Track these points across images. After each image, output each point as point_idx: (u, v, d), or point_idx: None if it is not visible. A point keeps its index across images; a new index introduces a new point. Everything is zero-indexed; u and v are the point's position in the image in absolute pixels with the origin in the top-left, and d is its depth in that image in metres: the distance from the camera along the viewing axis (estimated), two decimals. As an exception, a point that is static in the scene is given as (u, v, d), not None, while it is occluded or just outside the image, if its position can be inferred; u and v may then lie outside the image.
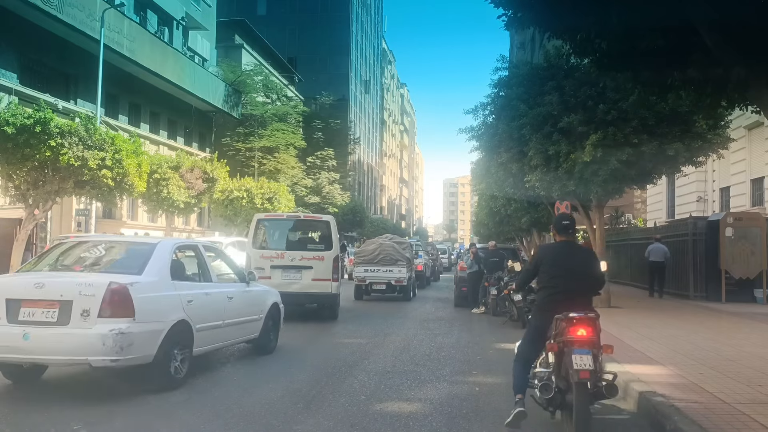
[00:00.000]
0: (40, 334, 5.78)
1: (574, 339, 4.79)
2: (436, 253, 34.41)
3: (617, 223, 31.85)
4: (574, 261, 5.19)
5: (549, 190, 14.26)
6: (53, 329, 5.80)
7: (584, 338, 4.81)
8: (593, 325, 4.91)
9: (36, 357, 5.94)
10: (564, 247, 5.31)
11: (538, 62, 15.25)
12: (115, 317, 5.86)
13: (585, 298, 5.15)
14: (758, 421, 4.99)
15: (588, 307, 5.07)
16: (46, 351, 5.84)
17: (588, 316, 4.90)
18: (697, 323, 11.81)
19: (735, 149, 20.38)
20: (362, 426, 5.27)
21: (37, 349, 5.78)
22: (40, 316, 5.86)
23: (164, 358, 6.28)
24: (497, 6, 6.37)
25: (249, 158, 39.52)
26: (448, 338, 10.65)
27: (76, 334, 5.77)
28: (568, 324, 4.85)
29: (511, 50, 63.30)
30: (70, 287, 5.99)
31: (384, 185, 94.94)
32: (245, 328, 8.16)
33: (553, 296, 5.10)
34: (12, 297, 6.00)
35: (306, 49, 67.55)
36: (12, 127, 15.81)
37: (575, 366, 4.66)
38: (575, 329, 4.82)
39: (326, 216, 15.02)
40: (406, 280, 18.10)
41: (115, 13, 25.34)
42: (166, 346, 6.29)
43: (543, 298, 5.23)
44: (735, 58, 5.96)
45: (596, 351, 4.86)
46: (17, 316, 5.88)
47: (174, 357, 6.48)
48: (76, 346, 5.80)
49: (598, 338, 4.93)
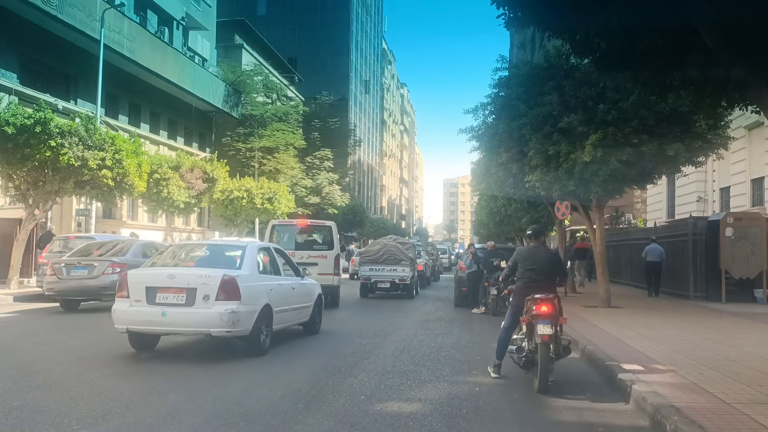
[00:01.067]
0: (174, 312, 7.93)
1: (539, 314, 6.65)
2: (436, 253, 34.45)
3: (617, 223, 31.86)
4: (540, 260, 7.14)
5: (549, 190, 14.26)
6: (183, 309, 7.94)
7: (546, 313, 6.66)
8: (553, 304, 6.72)
9: (172, 329, 8.20)
10: (534, 250, 7.36)
11: (538, 62, 15.25)
12: (227, 300, 7.95)
13: (549, 286, 7.04)
14: (758, 422, 4.99)
15: (551, 291, 6.92)
16: (179, 324, 8.04)
17: (549, 297, 6.76)
18: (698, 323, 11.81)
19: (735, 149, 20.39)
20: (362, 426, 5.27)
21: (172, 323, 7.99)
22: (172, 299, 7.98)
23: (256, 332, 8.37)
24: (497, 6, 6.37)
25: (249, 158, 39.52)
26: (448, 338, 10.65)
27: (200, 313, 7.91)
28: (534, 303, 6.74)
29: (511, 50, 63.32)
30: (195, 278, 8.11)
31: (384, 185, 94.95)
32: (301, 313, 10.19)
33: (526, 284, 7.06)
34: (150, 285, 8.13)
35: (306, 49, 67.57)
36: (12, 127, 15.82)
37: (539, 332, 6.55)
38: (539, 306, 6.68)
39: (328, 222, 17.78)
40: (409, 278, 18.96)
41: (115, 13, 25.35)
42: (258, 323, 8.37)
43: (519, 286, 7.17)
44: (735, 58, 5.96)
45: (555, 322, 6.68)
46: (155, 299, 8.03)
47: (262, 331, 8.52)
48: (201, 321, 7.94)
49: (557, 313, 6.72)
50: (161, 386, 6.54)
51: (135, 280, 8.28)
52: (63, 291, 13.94)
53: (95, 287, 13.79)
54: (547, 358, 6.52)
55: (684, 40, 6.30)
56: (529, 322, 6.78)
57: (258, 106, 41.82)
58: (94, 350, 8.78)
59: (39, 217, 18.11)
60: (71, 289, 13.90)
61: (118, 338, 9.98)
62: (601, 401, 6.30)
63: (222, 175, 27.58)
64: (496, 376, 7.27)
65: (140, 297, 8.07)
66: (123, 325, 8.19)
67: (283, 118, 42.66)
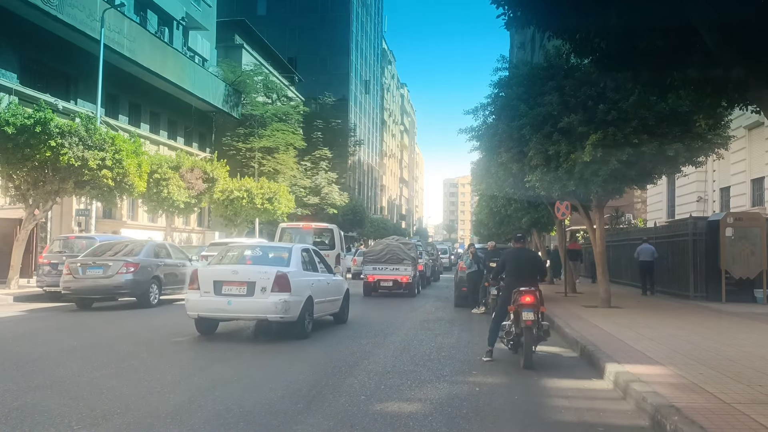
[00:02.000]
0: (237, 301, 9.60)
1: (523, 303, 8.00)
2: (436, 254, 34.49)
3: (617, 223, 31.86)
4: (523, 260, 8.64)
5: (549, 190, 14.25)
6: (244, 298, 9.63)
7: (529, 302, 7.98)
8: (534, 295, 8.06)
9: (236, 315, 9.98)
10: (518, 251, 8.89)
11: (538, 62, 15.24)
12: (280, 292, 9.62)
13: (531, 281, 8.35)
14: (758, 422, 4.99)
15: (533, 285, 8.27)
16: (241, 311, 9.75)
17: (531, 290, 8.11)
18: (698, 323, 11.81)
19: (735, 149, 20.40)
20: (362, 426, 5.27)
21: (236, 310, 9.69)
22: (236, 291, 9.66)
23: (302, 318, 9.97)
24: (497, 5, 6.37)
25: (249, 158, 39.51)
26: (448, 338, 10.65)
27: (259, 302, 9.60)
28: (519, 294, 8.09)
29: (511, 50, 63.34)
30: (254, 273, 9.85)
31: (384, 185, 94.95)
32: (334, 304, 11.82)
33: (513, 280, 8.42)
34: (217, 279, 9.84)
35: (306, 49, 67.56)
36: (12, 127, 15.83)
37: (523, 318, 7.92)
38: (524, 297, 8.03)
39: (331, 225, 21.31)
40: (411, 278, 19.49)
41: (115, 13, 25.35)
42: (303, 311, 9.97)
43: (507, 282, 8.59)
44: (735, 58, 5.96)
45: (536, 310, 8.01)
46: (221, 291, 9.70)
47: (306, 318, 10.11)
48: (260, 309, 9.63)
49: (538, 303, 8.07)
50: (161, 386, 6.54)
51: (204, 275, 10.04)
52: (79, 290, 14.30)
53: (110, 286, 14.27)
54: (530, 339, 7.90)
55: (684, 40, 6.31)
56: (516, 310, 8.13)
57: (258, 106, 41.82)
58: (94, 350, 8.78)
59: (39, 217, 18.11)
60: (87, 288, 14.28)
61: (119, 338, 9.99)
62: (598, 398, 6.32)
63: (222, 175, 27.60)
64: (488, 359, 8.42)
65: (209, 289, 9.76)
66: (195, 312, 9.86)
67: (283, 118, 42.66)
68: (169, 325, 11.56)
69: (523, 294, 8.01)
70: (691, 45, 6.30)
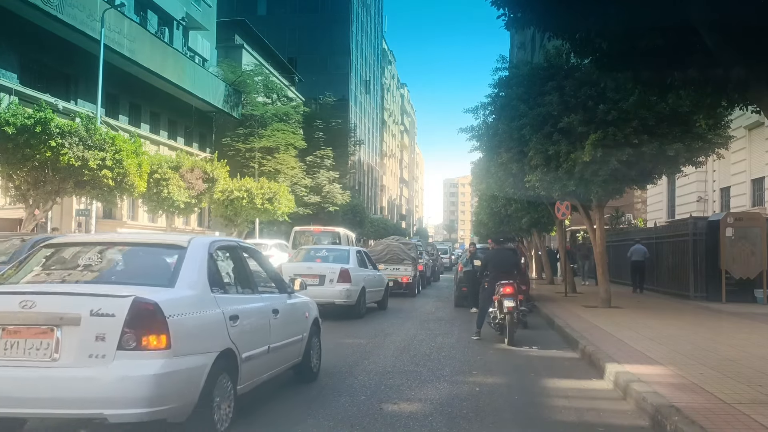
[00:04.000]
0: (312, 289, 9.60)
1: (505, 293, 9.77)
2: (436, 254, 34.48)
3: (617, 223, 31.84)
4: (504, 259, 10.58)
5: (549, 190, 14.26)
6: (317, 287, 11.82)
7: (509, 293, 9.75)
8: (513, 287, 9.84)
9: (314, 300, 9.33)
10: (499, 251, 10.95)
11: (538, 62, 15.24)
12: (344, 283, 12.78)
13: (510, 276, 10.12)
14: (758, 422, 4.98)
15: (512, 278, 10.08)
16: (317, 296, 9.72)
17: (510, 282, 9.90)
18: (698, 323, 11.81)
19: (735, 149, 20.39)
20: (362, 426, 5.27)
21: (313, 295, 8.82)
22: (310, 282, 10.34)
23: (359, 303, 13.24)
24: (497, 6, 6.37)
25: (249, 158, 39.49)
26: (448, 338, 10.65)
27: (328, 290, 12.53)
28: (501, 287, 9.91)
29: (511, 50, 63.33)
30: (324, 269, 13.09)
31: (384, 185, 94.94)
32: (378, 294, 15.22)
33: (495, 276, 10.24)
34: (296, 273, 11.24)
35: (306, 49, 67.53)
36: (12, 127, 15.81)
37: (505, 304, 9.66)
38: (505, 289, 9.83)
39: (338, 228, 24.47)
40: (411, 277, 19.87)
41: (115, 14, 25.34)
42: (359, 298, 13.24)
43: (491, 278, 10.34)
44: (735, 58, 5.96)
45: (515, 298, 9.75)
46: None
47: (361, 303, 13.34)
48: (329, 295, 12.43)
49: (516, 293, 9.84)
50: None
51: (286, 270, 12.42)
52: None
53: None
54: (512, 323, 9.76)
55: (684, 40, 6.31)
56: (499, 299, 9.91)
57: (258, 106, 41.80)
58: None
59: (39, 217, 18.10)
60: None
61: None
62: (598, 398, 6.32)
63: (222, 175, 27.57)
64: (476, 338, 10.32)
65: None
66: None
67: (283, 118, 42.64)
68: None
69: (504, 286, 9.86)
70: (691, 45, 6.30)
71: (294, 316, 6.56)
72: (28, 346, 4.18)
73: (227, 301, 5.11)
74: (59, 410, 4.14)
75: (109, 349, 4.12)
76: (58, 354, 4.14)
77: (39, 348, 4.17)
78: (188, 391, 4.40)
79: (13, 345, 4.18)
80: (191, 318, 4.56)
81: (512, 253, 11.11)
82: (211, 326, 4.81)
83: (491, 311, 10.38)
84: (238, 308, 5.21)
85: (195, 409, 4.46)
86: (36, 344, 4.18)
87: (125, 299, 4.22)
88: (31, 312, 4.19)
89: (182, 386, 4.34)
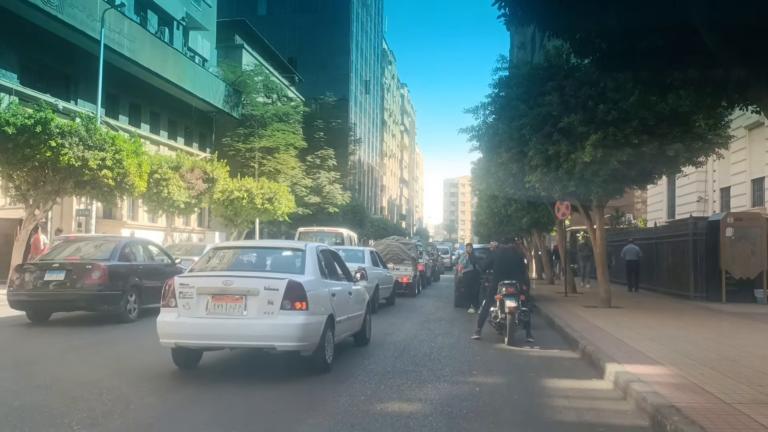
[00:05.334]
0: None
1: (507, 293, 9.88)
2: (436, 254, 34.46)
3: (617, 224, 31.84)
4: (509, 259, 10.60)
5: (549, 190, 14.25)
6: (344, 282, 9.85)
7: (511, 293, 9.85)
8: (515, 288, 9.93)
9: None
10: (505, 252, 10.93)
11: (539, 62, 15.24)
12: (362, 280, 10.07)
13: (515, 276, 10.18)
14: (758, 422, 4.98)
15: (515, 279, 10.10)
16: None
17: (513, 283, 10.00)
18: (698, 323, 11.80)
19: (735, 149, 20.39)
20: (362, 426, 5.27)
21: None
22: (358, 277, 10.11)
23: (373, 299, 13.19)
24: (498, 6, 6.37)
25: (249, 158, 39.48)
26: (448, 338, 10.65)
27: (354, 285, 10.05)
28: (504, 287, 10.00)
29: (511, 50, 63.30)
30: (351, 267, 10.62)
31: (384, 185, 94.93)
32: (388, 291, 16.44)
33: (499, 275, 10.31)
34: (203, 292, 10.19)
35: (306, 49, 67.53)
36: (12, 127, 15.82)
37: (507, 304, 9.77)
38: (508, 289, 9.91)
39: (341, 229, 25.26)
40: (411, 277, 19.84)
41: (115, 14, 25.34)
42: (374, 294, 13.72)
43: (495, 276, 10.44)
44: (735, 58, 5.96)
45: (517, 299, 9.81)
46: None
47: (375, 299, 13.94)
48: None
49: (518, 293, 9.91)
50: (161, 386, 6.54)
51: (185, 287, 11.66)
52: None
53: None
54: (512, 322, 9.79)
55: (684, 40, 6.30)
56: (501, 298, 9.99)
57: (258, 106, 41.80)
58: (95, 350, 8.78)
59: (39, 217, 18.11)
60: None
61: (120, 338, 9.99)
62: (598, 398, 6.32)
63: (222, 175, 27.57)
64: (476, 337, 10.38)
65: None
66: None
67: (283, 118, 42.63)
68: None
69: (507, 286, 9.98)
70: (691, 45, 6.30)
71: (358, 298, 9.29)
72: (228, 306, 6.96)
73: (328, 284, 8.00)
74: (247, 342, 7.08)
75: (275, 309, 6.86)
76: (246, 311, 6.91)
77: (234, 308, 6.94)
78: (315, 336, 7.12)
79: (219, 306, 6.97)
80: (315, 293, 7.29)
81: (518, 254, 11.19)
82: (324, 298, 7.58)
83: (492, 310, 10.48)
84: (334, 289, 8.08)
85: (317, 348, 7.18)
86: (233, 305, 6.95)
87: (283, 280, 6.98)
88: (230, 287, 6.96)
89: (313, 332, 7.07)
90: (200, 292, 6.98)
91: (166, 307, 7.13)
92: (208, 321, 6.90)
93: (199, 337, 6.96)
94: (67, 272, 11.52)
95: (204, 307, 6.94)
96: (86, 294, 11.38)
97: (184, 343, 7.02)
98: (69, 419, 5.21)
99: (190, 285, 7.03)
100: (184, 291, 7.02)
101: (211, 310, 6.92)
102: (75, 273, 11.50)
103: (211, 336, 6.93)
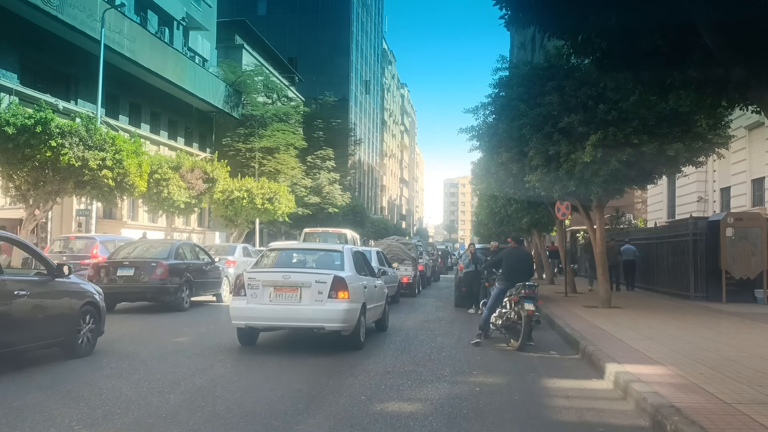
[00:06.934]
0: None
1: (526, 295, 9.44)
2: (436, 254, 34.46)
3: (618, 224, 31.84)
4: (519, 258, 10.25)
5: (549, 190, 14.24)
6: None
7: (531, 295, 9.47)
8: (533, 290, 9.55)
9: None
10: (515, 250, 10.47)
11: (539, 62, 15.23)
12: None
13: (525, 277, 9.91)
14: (759, 422, 4.98)
15: (529, 280, 9.83)
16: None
17: (533, 285, 9.65)
18: (698, 323, 11.80)
19: (735, 149, 20.38)
20: (362, 426, 5.27)
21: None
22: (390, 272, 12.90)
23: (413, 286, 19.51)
24: (500, 7, 6.37)
25: (249, 158, 39.49)
26: (448, 338, 10.64)
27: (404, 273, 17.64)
28: (524, 288, 9.55)
29: (511, 50, 63.32)
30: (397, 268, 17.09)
31: (384, 185, 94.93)
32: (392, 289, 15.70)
33: (509, 275, 10.00)
34: (378, 268, 12.94)
35: (306, 49, 67.56)
36: (12, 127, 15.83)
37: (526, 307, 9.28)
38: (527, 291, 9.47)
39: (344, 229, 26.12)
40: (411, 277, 19.92)
41: (115, 14, 25.36)
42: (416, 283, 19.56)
43: (505, 276, 10.08)
44: (735, 58, 5.96)
45: (536, 302, 9.48)
46: None
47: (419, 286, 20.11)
48: None
49: (536, 296, 9.59)
50: (161, 386, 6.54)
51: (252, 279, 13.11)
52: None
53: None
54: (529, 326, 9.34)
55: (684, 40, 6.30)
56: (518, 300, 9.50)
57: (258, 106, 41.81)
58: (95, 350, 8.78)
59: (39, 217, 18.12)
60: None
61: (120, 337, 9.99)
62: (598, 398, 6.33)
63: (222, 175, 27.58)
64: (476, 341, 9.93)
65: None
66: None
67: (283, 118, 42.64)
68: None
69: (527, 288, 9.56)
70: (691, 45, 6.30)
71: (381, 291, 11.05)
72: (287, 295, 8.78)
73: (361, 278, 9.71)
74: (302, 323, 8.89)
75: (324, 298, 8.67)
76: (300, 300, 8.74)
77: (292, 297, 8.76)
78: (353, 320, 8.90)
79: (279, 295, 8.78)
80: (354, 285, 9.06)
81: (529, 253, 11.19)
82: (359, 290, 9.35)
83: (504, 311, 9.89)
84: (365, 282, 9.85)
85: (354, 329, 8.96)
86: (291, 295, 8.77)
87: (330, 275, 8.80)
88: (288, 280, 8.81)
89: (352, 316, 8.85)
90: (265, 284, 8.80)
91: (237, 296, 8.98)
92: (272, 307, 8.74)
93: (264, 319, 8.82)
94: (136, 269, 13.65)
95: (268, 296, 8.77)
96: (152, 287, 13.49)
97: (253, 324, 8.88)
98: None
99: (257, 279, 8.87)
100: (251, 283, 8.85)
101: (273, 298, 8.75)
102: (142, 269, 13.62)
103: (273, 318, 8.77)
